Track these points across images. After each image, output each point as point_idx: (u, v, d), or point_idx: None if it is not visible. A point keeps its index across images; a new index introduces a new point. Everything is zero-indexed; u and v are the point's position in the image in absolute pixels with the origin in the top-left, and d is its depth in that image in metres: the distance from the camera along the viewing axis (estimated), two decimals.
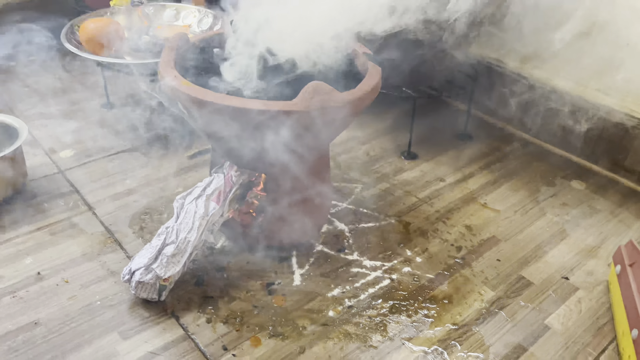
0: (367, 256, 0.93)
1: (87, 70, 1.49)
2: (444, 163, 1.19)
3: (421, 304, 0.85)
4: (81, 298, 0.82)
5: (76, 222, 0.96)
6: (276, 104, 0.71)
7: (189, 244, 0.79)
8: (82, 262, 0.88)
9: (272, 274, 0.88)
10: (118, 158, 1.14)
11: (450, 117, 1.36)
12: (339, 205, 1.05)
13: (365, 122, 1.32)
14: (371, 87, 0.78)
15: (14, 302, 0.80)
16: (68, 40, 1.16)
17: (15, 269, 0.86)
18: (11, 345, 0.74)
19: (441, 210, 1.05)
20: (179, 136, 1.22)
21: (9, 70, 1.46)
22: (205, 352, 0.75)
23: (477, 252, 0.95)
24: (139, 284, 0.79)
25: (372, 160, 1.18)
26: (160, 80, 0.78)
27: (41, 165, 1.10)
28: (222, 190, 0.84)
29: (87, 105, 1.32)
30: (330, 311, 0.82)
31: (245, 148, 0.79)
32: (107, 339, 0.76)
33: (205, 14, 1.30)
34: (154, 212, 0.99)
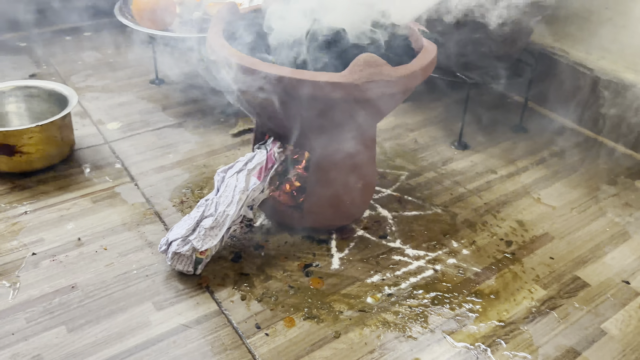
0: (410, 245, 0.89)
1: (139, 45, 1.50)
2: (496, 155, 1.13)
3: (465, 297, 0.80)
4: (118, 266, 0.81)
5: (118, 192, 0.96)
6: (324, 75, 0.68)
7: (228, 218, 0.77)
8: (121, 231, 0.88)
9: (310, 256, 0.85)
10: (163, 133, 1.14)
11: (505, 108, 1.29)
12: (382, 191, 1.01)
13: (415, 109, 1.27)
14: (425, 63, 0.74)
15: (53, 265, 0.81)
16: (121, 14, 1.17)
17: (57, 233, 0.86)
18: (47, 306, 0.74)
19: (491, 202, 0.99)
20: (224, 114, 1.21)
21: (65, 43, 1.49)
22: (238, 329, 0.73)
23: (529, 249, 0.89)
24: (175, 255, 0.77)
25: (420, 148, 1.14)
26: (208, 49, 0.76)
27: (89, 136, 1.11)
28: (263, 166, 0.81)
29: (137, 81, 1.33)
30: (369, 298, 0.79)
31: (289, 122, 0.76)
32: (141, 308, 0.75)
33: None
34: (194, 187, 0.98)
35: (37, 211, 0.90)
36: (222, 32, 0.78)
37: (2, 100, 1.03)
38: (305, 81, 0.67)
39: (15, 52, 1.43)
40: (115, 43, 1.50)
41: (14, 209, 0.91)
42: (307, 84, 0.67)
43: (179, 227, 0.79)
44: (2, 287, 0.77)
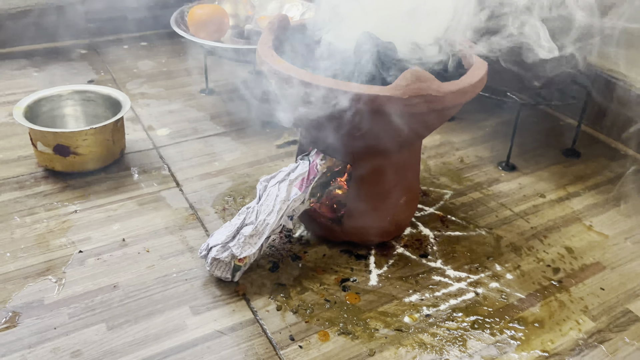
0: (452, 266, 0.86)
1: (191, 56, 1.55)
2: (546, 178, 1.09)
3: (507, 323, 0.77)
4: (159, 268, 0.83)
5: (163, 196, 0.98)
6: (371, 88, 0.67)
7: (267, 227, 0.78)
8: (164, 234, 0.89)
9: (348, 270, 0.84)
10: (210, 141, 1.16)
11: (556, 131, 1.25)
12: (425, 209, 0.99)
13: (462, 128, 1.25)
14: (475, 80, 0.72)
15: (97, 263, 0.83)
16: (177, 24, 1.21)
17: (103, 232, 0.89)
18: (89, 303, 0.76)
19: (538, 227, 0.96)
20: (270, 125, 1.22)
21: (120, 52, 1.55)
22: (272, 339, 0.72)
23: (578, 277, 0.85)
24: (214, 261, 0.78)
25: (465, 168, 1.11)
26: (258, 59, 0.78)
27: (139, 140, 1.14)
28: (305, 177, 0.82)
29: (187, 89, 1.36)
30: (406, 317, 0.77)
31: (333, 134, 0.76)
32: (178, 311, 0.76)
33: (308, 7, 1.30)
34: (237, 195, 1.00)
35: (87, 210, 0.94)
36: (271, 43, 0.79)
37: (60, 103, 1.08)
38: (351, 93, 0.67)
39: (77, 58, 1.50)
40: (169, 53, 1.56)
41: (65, 207, 0.94)
42: (352, 96, 0.67)
43: (220, 233, 0.79)
44: (48, 282, 0.79)
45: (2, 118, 1.20)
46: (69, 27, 1.57)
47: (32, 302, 0.76)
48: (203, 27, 1.16)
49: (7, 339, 0.70)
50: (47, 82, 1.35)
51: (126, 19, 1.64)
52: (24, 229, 0.89)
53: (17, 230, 0.88)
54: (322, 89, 0.68)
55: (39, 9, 1.51)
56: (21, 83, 1.35)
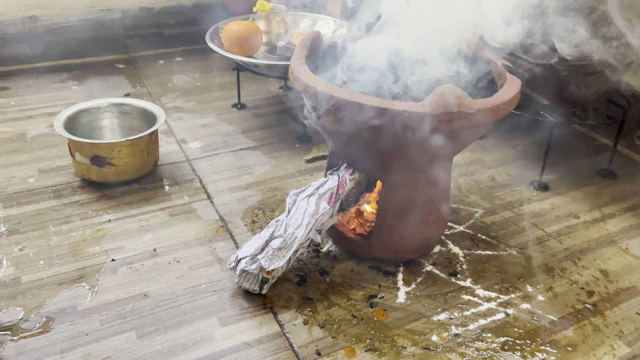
0: (481, 285, 0.85)
1: (224, 72, 1.58)
2: (580, 199, 1.07)
3: (539, 346, 0.75)
4: (188, 279, 0.84)
5: (195, 207, 1.00)
6: (402, 104, 0.68)
7: (296, 240, 0.78)
8: (194, 245, 0.91)
9: (376, 287, 0.84)
10: (241, 154, 1.18)
11: (590, 151, 1.23)
12: (454, 227, 0.98)
13: (493, 146, 1.24)
14: (508, 98, 0.72)
15: (129, 272, 0.85)
16: (211, 40, 1.24)
17: (135, 242, 0.91)
18: (120, 311, 0.77)
19: (572, 248, 0.94)
20: (300, 140, 1.23)
21: (156, 67, 1.60)
22: (299, 353, 0.72)
23: (613, 301, 0.83)
24: (243, 273, 0.79)
25: (497, 186, 1.10)
26: (290, 75, 0.79)
27: (172, 153, 1.17)
28: (334, 192, 0.82)
29: (220, 104, 1.39)
30: (434, 336, 0.76)
31: (364, 149, 0.76)
32: (207, 322, 0.76)
33: (340, 24, 1.32)
34: (266, 208, 1.00)
35: (120, 220, 0.96)
36: (304, 59, 0.80)
37: (98, 115, 1.11)
38: (382, 109, 0.67)
39: (114, 73, 1.55)
40: (202, 69, 1.59)
41: (99, 217, 0.96)
42: (383, 112, 0.67)
43: (249, 245, 0.80)
44: (82, 289, 0.81)
45: (42, 129, 1.25)
46: (108, 42, 1.63)
47: (66, 308, 0.78)
48: (237, 43, 1.19)
49: (40, 344, 0.72)
50: (85, 95, 1.40)
51: (162, 35, 1.69)
52: (60, 237, 0.91)
53: (54, 237, 0.91)
54: (353, 104, 0.69)
55: (79, 24, 1.57)
56: (61, 95, 1.40)
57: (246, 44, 1.19)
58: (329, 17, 1.35)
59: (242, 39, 1.19)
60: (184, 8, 1.69)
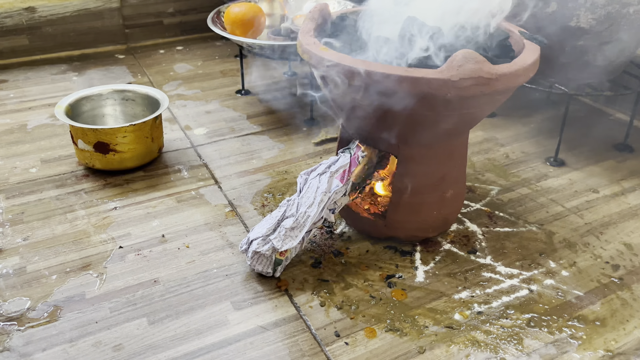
0: (502, 262, 0.82)
1: (227, 58, 1.55)
2: (598, 174, 1.03)
3: (566, 322, 0.72)
4: (199, 264, 0.81)
5: (202, 193, 0.97)
6: (420, 72, 0.64)
7: (308, 219, 0.75)
8: (203, 230, 0.88)
9: (393, 267, 0.81)
10: (247, 139, 1.15)
11: (606, 125, 1.20)
12: (471, 205, 0.95)
13: (505, 124, 1.20)
14: (528, 63, 0.69)
15: (138, 259, 0.82)
16: (213, 24, 1.20)
17: (143, 229, 0.88)
18: (130, 298, 0.75)
19: (593, 223, 0.91)
20: (307, 124, 1.20)
21: (157, 57, 1.56)
22: (316, 335, 0.69)
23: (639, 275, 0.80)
24: (255, 254, 0.76)
25: (512, 164, 1.07)
26: (299, 48, 0.76)
27: (176, 140, 1.14)
28: (347, 169, 0.79)
29: (224, 91, 1.36)
30: (457, 314, 0.73)
31: (378, 123, 0.73)
32: (220, 306, 0.74)
33: (345, 5, 1.28)
34: (276, 192, 0.98)
35: (126, 207, 0.93)
36: (313, 32, 0.77)
37: (100, 102, 1.08)
38: (398, 77, 0.64)
39: (115, 63, 1.52)
40: (205, 56, 1.56)
41: (105, 204, 0.94)
42: (399, 79, 0.64)
43: (261, 226, 0.77)
44: (89, 276, 0.78)
45: (43, 119, 1.22)
46: (107, 33, 1.60)
47: (74, 296, 0.75)
48: (240, 25, 1.16)
49: (49, 333, 0.70)
50: (86, 86, 1.37)
51: (162, 24, 1.66)
52: (64, 226, 0.89)
53: (59, 226, 0.88)
54: (367, 73, 0.66)
55: (78, 15, 1.54)
56: (61, 87, 1.37)
57: (249, 25, 1.16)
58: None
59: (245, 20, 1.16)
60: None
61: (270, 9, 1.26)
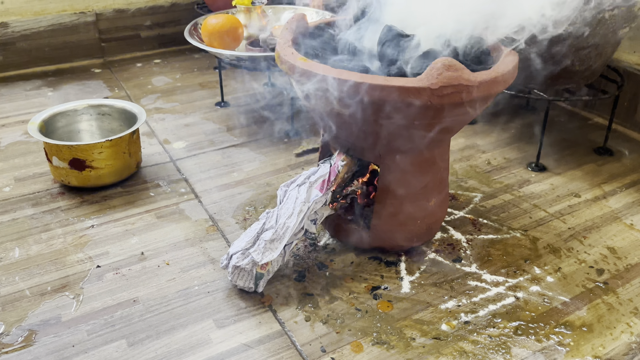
0: (488, 270, 0.82)
1: (205, 71, 1.53)
2: (579, 178, 1.04)
3: (553, 328, 0.71)
4: (180, 281, 0.79)
5: (182, 208, 0.95)
6: (399, 80, 0.64)
7: (288, 230, 0.74)
8: (184, 246, 0.86)
9: (378, 278, 0.80)
10: (227, 152, 1.13)
11: (585, 129, 1.21)
12: (455, 213, 0.94)
13: (486, 131, 1.21)
14: (507, 69, 0.69)
15: (116, 278, 0.79)
16: (191, 36, 1.19)
17: (121, 247, 0.86)
18: (108, 319, 0.72)
19: (576, 227, 0.91)
20: (288, 135, 1.19)
21: (134, 70, 1.54)
22: (302, 352, 0.68)
23: (624, 278, 0.80)
24: (236, 269, 0.74)
25: (494, 170, 1.07)
26: (277, 59, 0.75)
27: (155, 154, 1.12)
28: (326, 179, 0.78)
29: (203, 103, 1.34)
30: (444, 324, 0.72)
31: (358, 131, 0.72)
32: (202, 325, 0.72)
33: (323, 15, 1.28)
34: (258, 205, 0.96)
35: (103, 225, 0.90)
36: (291, 42, 0.76)
37: (76, 118, 1.06)
38: (378, 86, 0.64)
39: (91, 77, 1.49)
40: (183, 69, 1.54)
41: (81, 222, 0.91)
42: (379, 89, 0.64)
43: (240, 240, 0.76)
44: (66, 298, 0.76)
45: (17, 137, 1.19)
46: (83, 47, 1.57)
47: (49, 319, 0.72)
48: (218, 37, 1.14)
49: (24, 358, 0.67)
50: (61, 101, 1.34)
51: (139, 37, 1.64)
52: (40, 246, 0.86)
53: (34, 247, 0.86)
54: (346, 83, 0.65)
55: (52, 30, 1.52)
56: (36, 102, 1.34)
57: (227, 37, 1.15)
58: (311, 9, 1.31)
59: (223, 32, 1.15)
60: (160, 9, 1.64)
61: (248, 20, 1.25)
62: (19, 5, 1.48)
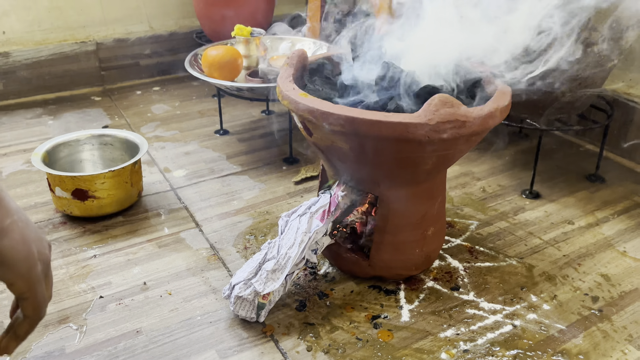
0: (485, 298, 0.83)
1: (205, 98, 1.56)
2: (572, 205, 1.06)
3: (551, 356, 0.73)
4: (182, 311, 0.80)
5: (183, 237, 0.96)
6: (397, 116, 0.66)
7: (289, 260, 0.75)
8: (186, 276, 0.87)
9: (378, 307, 0.81)
10: (227, 180, 1.15)
11: (577, 157, 1.23)
12: (452, 241, 0.96)
13: (480, 158, 1.23)
14: (502, 104, 0.71)
15: (119, 309, 0.80)
16: (191, 66, 1.22)
17: (123, 277, 0.87)
18: (112, 351, 0.73)
19: (571, 255, 0.92)
20: (287, 162, 1.21)
21: (134, 98, 1.57)
22: None
23: (618, 306, 0.82)
24: (238, 299, 0.75)
25: (489, 197, 1.09)
26: (278, 94, 0.77)
27: (155, 183, 1.13)
28: (326, 209, 0.80)
29: (202, 131, 1.36)
30: (443, 353, 0.73)
31: (358, 164, 0.74)
32: (205, 355, 0.72)
33: (320, 46, 1.31)
34: (258, 233, 0.97)
35: (106, 255, 0.91)
36: (292, 77, 0.78)
37: (78, 148, 1.08)
38: (377, 122, 0.66)
39: (91, 105, 1.51)
40: (182, 97, 1.57)
41: (84, 252, 0.92)
42: (378, 124, 0.66)
43: (242, 271, 0.77)
44: (69, 329, 0.77)
45: (19, 166, 1.20)
46: (83, 75, 1.60)
47: (53, 351, 0.73)
48: (218, 68, 1.17)
49: None
50: (62, 130, 1.36)
51: (138, 65, 1.67)
52: None
53: None
54: (346, 119, 0.67)
55: (53, 59, 1.54)
56: (37, 131, 1.36)
57: (227, 68, 1.18)
58: (308, 39, 1.34)
59: (223, 63, 1.18)
60: (160, 38, 1.67)
61: (247, 51, 1.28)
62: (20, 35, 1.51)
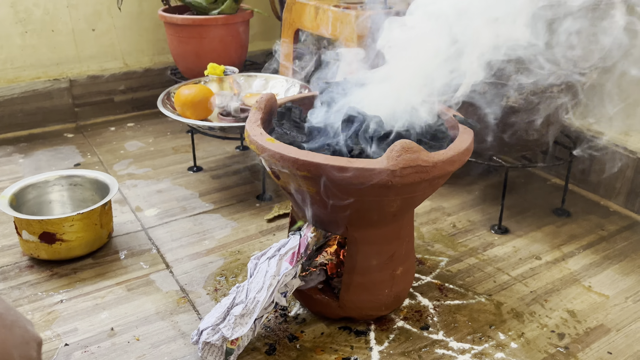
0: (454, 337, 0.84)
1: (178, 135, 1.56)
2: (539, 239, 1.08)
3: None
4: (150, 358, 0.79)
5: (153, 279, 0.95)
6: (360, 162, 0.68)
7: (258, 304, 0.75)
8: (154, 320, 0.86)
9: (348, 349, 0.81)
10: (199, 219, 1.14)
11: (544, 191, 1.26)
12: (422, 278, 0.97)
13: (451, 193, 1.25)
14: (463, 148, 0.73)
15: (85, 357, 0.79)
16: (164, 105, 1.22)
17: (90, 322, 0.85)
18: None
19: (538, 290, 0.94)
20: (260, 200, 1.22)
21: (107, 134, 1.56)
22: None
23: (584, 342, 0.83)
24: (206, 345, 0.75)
25: (459, 233, 1.10)
26: (246, 138, 0.78)
27: (127, 223, 1.12)
28: (296, 251, 0.80)
29: (175, 168, 1.36)
30: None
31: (324, 208, 0.75)
32: None
33: (293, 83, 1.34)
34: (229, 274, 0.97)
35: (73, 299, 0.90)
36: (260, 121, 0.80)
37: (47, 189, 1.07)
38: (341, 168, 0.67)
39: (63, 143, 1.50)
40: (156, 133, 1.57)
41: (50, 297, 0.90)
42: (342, 170, 0.67)
43: (210, 315, 0.76)
44: None
45: None
46: (56, 112, 1.59)
47: None
48: (190, 107, 1.18)
49: None
50: (33, 168, 1.35)
51: (112, 101, 1.67)
52: None
53: None
54: (311, 165, 0.68)
55: (25, 96, 1.54)
56: (7, 170, 1.34)
57: (199, 107, 1.19)
58: (280, 77, 1.37)
59: (195, 102, 1.19)
60: (134, 74, 1.68)
61: (220, 89, 1.29)
62: None
